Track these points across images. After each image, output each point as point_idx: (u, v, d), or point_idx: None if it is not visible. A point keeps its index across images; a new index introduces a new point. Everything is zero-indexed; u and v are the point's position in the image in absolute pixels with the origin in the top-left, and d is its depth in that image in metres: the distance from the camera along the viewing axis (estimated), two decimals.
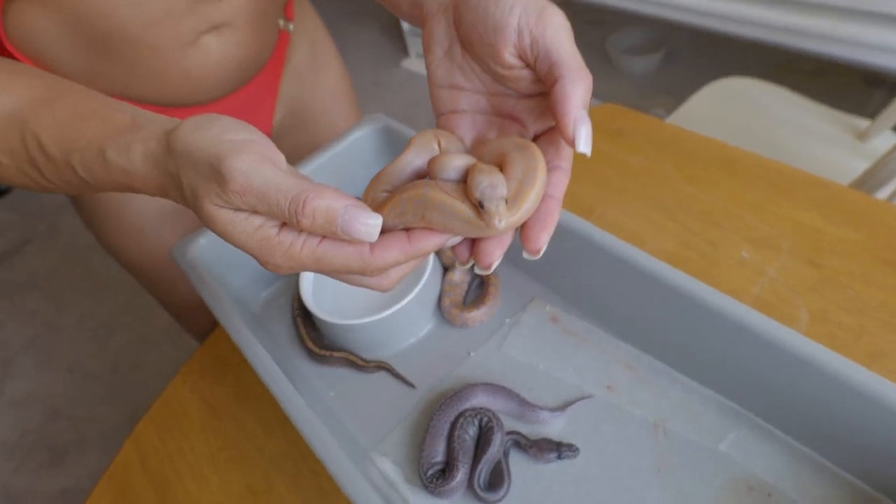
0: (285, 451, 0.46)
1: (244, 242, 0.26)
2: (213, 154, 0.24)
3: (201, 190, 0.25)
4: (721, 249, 0.51)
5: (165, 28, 0.44)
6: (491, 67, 0.29)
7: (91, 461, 1.36)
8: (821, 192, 0.54)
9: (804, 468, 0.37)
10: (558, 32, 0.26)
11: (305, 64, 0.65)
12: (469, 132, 0.31)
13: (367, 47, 2.48)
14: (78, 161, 0.31)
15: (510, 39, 0.27)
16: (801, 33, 1.20)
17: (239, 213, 0.25)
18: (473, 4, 0.28)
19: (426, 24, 0.32)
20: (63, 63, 0.45)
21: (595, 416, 0.42)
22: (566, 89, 0.25)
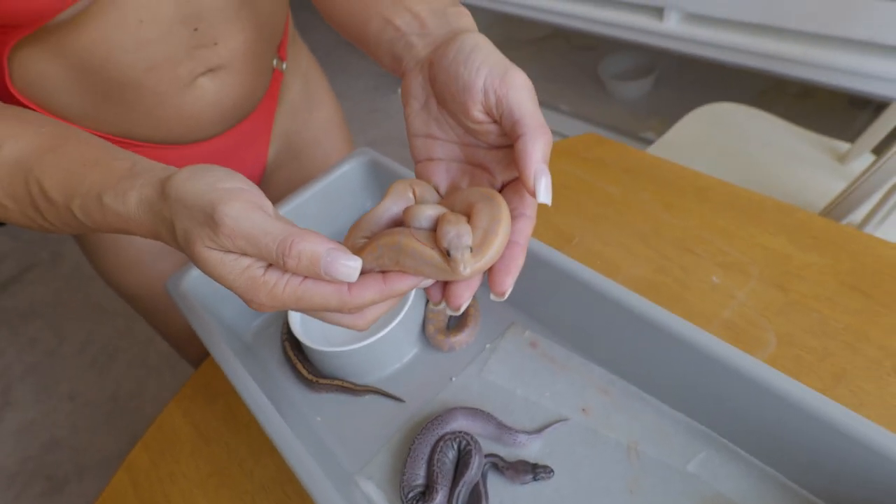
0: (273, 475, 0.48)
1: (232, 282, 0.28)
2: (206, 201, 0.27)
3: (194, 234, 0.27)
4: (693, 275, 0.53)
5: (164, 72, 0.47)
6: (462, 121, 0.32)
7: (89, 490, 1.37)
8: (789, 218, 0.56)
9: (768, 488, 0.39)
10: (520, 93, 0.29)
11: (299, 100, 0.67)
12: (444, 178, 0.34)
13: (365, 75, 2.54)
14: (78, 206, 0.33)
15: (478, 98, 0.30)
16: (784, 60, 1.23)
17: (228, 254, 0.27)
18: (445, 66, 0.31)
19: (404, 77, 0.36)
20: (65, 106, 0.47)
21: (571, 438, 0.44)
22: (527, 146, 0.28)
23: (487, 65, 0.30)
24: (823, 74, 1.20)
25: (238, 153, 0.61)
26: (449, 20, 0.35)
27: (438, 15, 0.35)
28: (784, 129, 1.12)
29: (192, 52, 0.47)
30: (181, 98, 0.50)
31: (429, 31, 0.35)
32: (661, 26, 1.40)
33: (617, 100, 1.94)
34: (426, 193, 0.32)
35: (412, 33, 0.35)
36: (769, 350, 0.46)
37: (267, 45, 0.55)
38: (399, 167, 0.57)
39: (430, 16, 0.35)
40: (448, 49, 0.32)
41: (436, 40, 0.34)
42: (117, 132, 0.51)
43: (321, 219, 0.59)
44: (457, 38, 0.32)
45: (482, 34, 0.33)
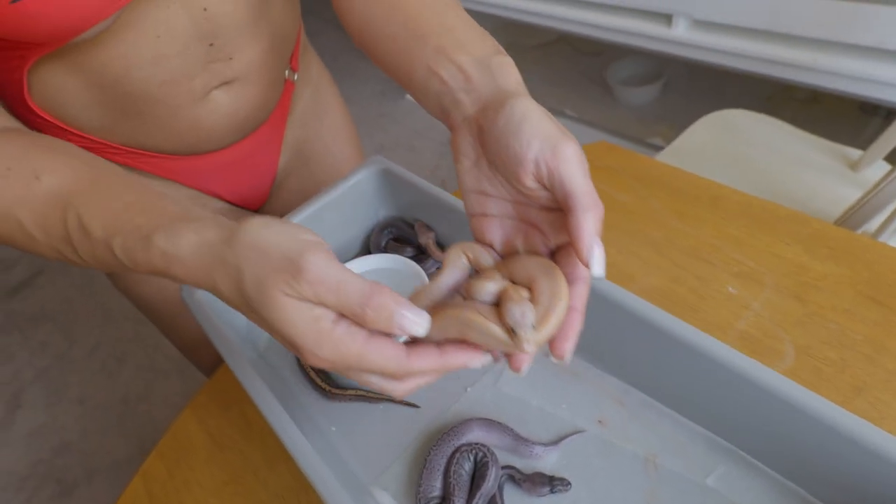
0: (288, 484, 0.48)
1: (300, 330, 0.28)
2: (290, 248, 0.28)
3: (270, 279, 0.27)
4: (708, 284, 0.53)
5: (179, 86, 0.47)
6: (514, 186, 0.32)
7: (99, 493, 1.37)
8: (804, 227, 0.56)
9: (789, 502, 0.39)
10: (571, 166, 0.29)
11: (310, 109, 0.68)
12: (498, 235, 0.35)
13: (372, 80, 2.55)
14: (119, 244, 0.33)
15: (529, 170, 0.30)
16: (793, 66, 1.23)
17: (304, 302, 0.28)
18: (496, 135, 0.32)
19: (453, 133, 0.36)
20: (81, 118, 0.47)
21: (587, 450, 0.44)
22: (580, 220, 0.28)
23: (538, 137, 0.30)
24: (833, 81, 1.20)
25: (249, 163, 0.62)
26: (494, 74, 0.35)
27: (483, 68, 0.35)
28: (794, 136, 1.12)
29: (208, 66, 0.48)
30: (195, 111, 0.50)
31: (474, 85, 0.35)
32: (669, 33, 1.40)
33: (624, 106, 1.94)
34: (481, 258, 0.34)
35: (458, 88, 0.35)
36: (788, 362, 0.46)
37: (280, 57, 0.55)
38: (412, 176, 0.57)
39: (474, 69, 0.35)
40: (497, 117, 0.32)
41: (482, 97, 0.34)
42: (131, 143, 0.51)
43: (334, 228, 0.59)
44: (505, 105, 0.32)
45: (529, 97, 0.33)
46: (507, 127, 0.31)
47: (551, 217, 0.33)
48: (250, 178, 0.64)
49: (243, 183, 0.64)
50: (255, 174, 0.65)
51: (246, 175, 0.63)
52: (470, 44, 0.37)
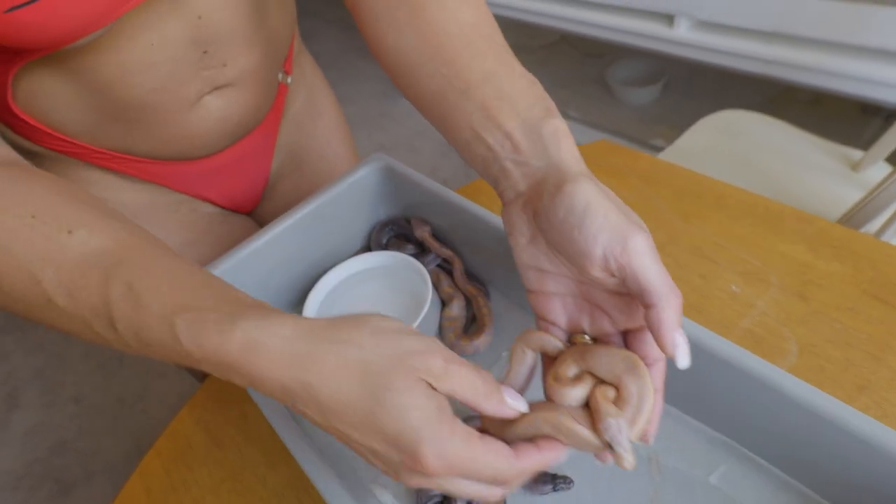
0: (288, 482, 0.47)
1: (424, 419, 0.26)
2: (422, 339, 0.28)
3: (408, 359, 0.27)
4: (712, 283, 0.53)
5: (171, 92, 0.46)
6: (579, 272, 0.31)
7: (97, 493, 1.36)
8: (808, 226, 0.55)
9: (792, 499, 0.38)
10: (644, 260, 0.28)
11: (303, 112, 0.67)
12: (561, 314, 0.34)
13: (372, 79, 2.55)
14: (186, 322, 0.28)
15: (597, 263, 0.29)
16: (796, 67, 1.23)
17: (432, 390, 0.27)
18: (556, 225, 0.30)
19: (504, 206, 0.35)
20: (67, 122, 0.46)
21: None
22: (660, 316, 0.27)
23: (605, 231, 0.28)
24: (836, 82, 1.20)
25: (241, 167, 0.61)
26: (546, 145, 0.32)
27: (533, 136, 0.33)
28: (796, 137, 1.11)
29: (200, 72, 0.46)
30: (186, 117, 0.49)
31: (525, 157, 0.33)
32: (671, 33, 1.40)
33: (625, 106, 1.93)
34: (548, 345, 0.34)
35: (506, 157, 0.33)
36: (791, 360, 0.46)
37: (274, 62, 0.54)
38: (414, 173, 0.57)
39: (524, 137, 0.33)
40: (556, 204, 0.30)
41: (534, 173, 0.32)
42: (119, 148, 0.50)
43: (335, 225, 0.59)
44: (564, 190, 0.29)
45: (589, 177, 0.30)
46: (568, 218, 0.29)
47: (619, 303, 0.32)
48: (242, 182, 0.64)
49: (235, 187, 0.63)
50: (247, 178, 0.64)
51: (237, 179, 0.63)
52: (517, 99, 0.34)
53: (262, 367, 0.27)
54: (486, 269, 0.56)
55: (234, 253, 0.52)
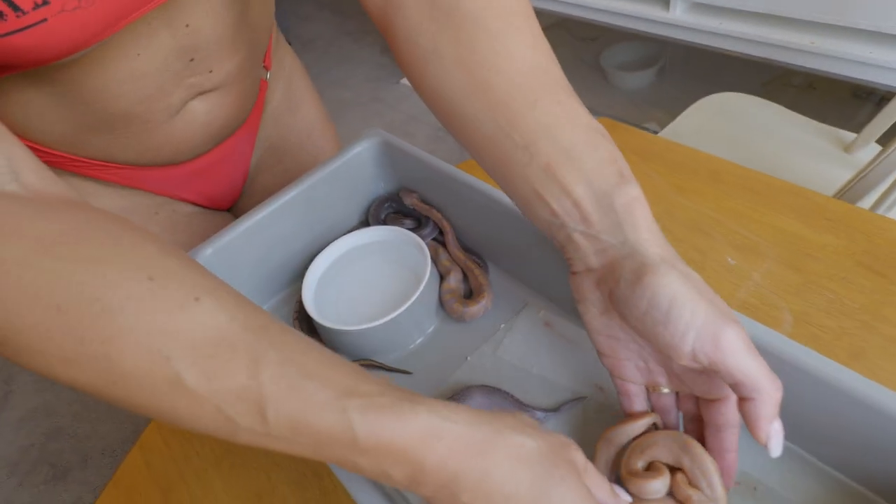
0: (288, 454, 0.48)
1: None
2: (569, 441, 0.31)
3: (569, 453, 0.30)
4: (708, 256, 0.53)
5: (156, 102, 0.45)
6: None
7: (93, 477, 1.37)
8: (802, 200, 0.56)
9: (788, 463, 0.39)
10: (738, 357, 0.27)
11: (282, 104, 0.66)
12: (636, 375, 0.34)
13: (367, 64, 2.53)
14: (358, 405, 0.26)
15: (685, 358, 0.28)
16: (790, 49, 1.23)
17: (587, 495, 0.29)
18: (639, 317, 0.29)
19: (572, 275, 0.34)
20: (46, 133, 0.44)
21: (586, 415, 0.44)
22: (759, 411, 0.27)
23: (694, 328, 0.27)
24: (829, 64, 1.20)
25: (222, 166, 0.60)
26: (621, 221, 0.29)
27: (604, 206, 0.30)
28: (790, 119, 1.12)
29: (186, 80, 0.45)
30: (171, 124, 0.48)
31: (596, 231, 0.30)
32: (667, 15, 1.40)
33: (620, 90, 1.93)
34: (623, 438, 0.37)
35: (574, 228, 0.31)
36: (786, 329, 0.46)
37: (257, 60, 0.54)
38: (412, 148, 0.57)
39: (594, 207, 0.30)
40: (636, 295, 0.28)
41: (607, 250, 0.30)
42: (100, 157, 0.49)
43: (333, 200, 0.59)
44: (644, 282, 0.28)
45: (671, 264, 0.28)
46: (652, 312, 0.28)
47: (699, 379, 0.32)
48: (222, 180, 0.63)
49: (216, 186, 0.63)
50: (228, 176, 0.63)
51: (218, 178, 0.62)
52: (584, 159, 0.30)
53: (441, 454, 0.26)
54: (483, 242, 0.56)
55: (233, 228, 0.52)
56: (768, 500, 0.38)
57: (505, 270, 0.55)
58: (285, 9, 3.03)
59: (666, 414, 0.37)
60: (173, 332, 0.25)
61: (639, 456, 0.36)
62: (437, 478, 0.26)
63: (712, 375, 0.31)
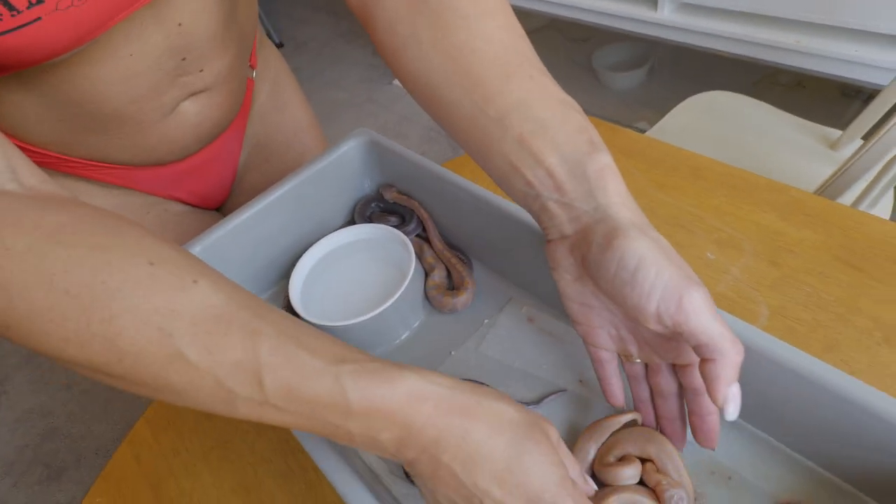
0: (275, 447, 0.49)
1: (557, 477, 0.29)
2: (545, 418, 0.32)
3: (541, 423, 0.31)
4: (688, 251, 0.54)
5: (148, 102, 0.45)
6: None
7: (87, 477, 1.37)
8: (781, 196, 0.57)
9: (761, 453, 0.40)
10: (700, 318, 0.27)
11: (268, 103, 0.67)
12: (609, 342, 0.36)
13: (360, 65, 2.53)
14: (349, 371, 0.28)
15: (651, 319, 0.29)
16: (777, 48, 1.25)
17: (559, 461, 0.30)
18: (608, 279, 0.30)
19: (548, 244, 0.35)
20: (38, 134, 0.44)
21: (567, 408, 0.45)
22: (718, 372, 0.28)
23: (658, 289, 0.28)
24: (815, 63, 1.21)
25: (212, 165, 0.61)
26: (592, 186, 0.31)
27: (577, 175, 0.31)
28: (777, 117, 1.13)
29: (178, 79, 0.46)
30: (163, 124, 0.48)
31: (569, 198, 0.31)
32: (655, 16, 1.41)
33: (611, 91, 1.94)
34: (605, 434, 0.40)
35: (549, 197, 0.32)
36: (762, 322, 0.47)
37: (244, 59, 0.54)
38: (398, 147, 0.57)
39: (567, 176, 0.31)
40: (606, 258, 0.29)
41: (580, 217, 0.31)
42: (92, 157, 0.49)
43: (320, 198, 0.60)
44: (614, 245, 0.29)
45: (641, 228, 0.30)
46: (620, 274, 0.29)
47: (667, 345, 0.33)
48: (212, 179, 0.64)
49: (206, 185, 0.63)
50: (218, 175, 0.64)
51: (209, 178, 0.63)
52: (556, 130, 0.31)
53: (427, 415, 0.28)
54: (469, 239, 0.57)
55: (220, 227, 0.53)
56: (742, 489, 0.39)
57: (489, 267, 0.56)
58: (280, 11, 3.04)
59: (637, 383, 0.38)
60: (173, 311, 0.26)
61: (610, 451, 0.39)
62: (422, 440, 0.28)
63: (678, 341, 0.32)
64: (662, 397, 0.36)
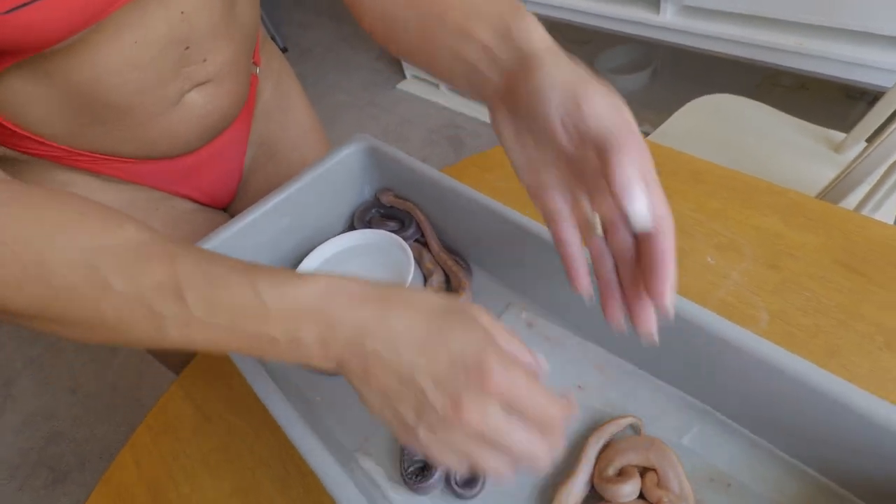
0: (274, 451, 0.49)
1: (482, 335, 0.28)
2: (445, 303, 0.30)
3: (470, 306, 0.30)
4: (688, 256, 0.54)
5: (153, 92, 0.45)
6: (560, 152, 0.31)
7: (91, 480, 1.38)
8: (781, 199, 0.57)
9: (762, 460, 0.40)
10: (596, 110, 0.27)
11: (272, 102, 0.67)
12: (563, 204, 0.34)
13: (363, 69, 2.54)
14: (266, 281, 0.29)
15: (562, 137, 0.29)
16: (779, 50, 1.24)
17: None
18: (524, 105, 0.30)
19: (490, 112, 0.35)
20: (46, 125, 0.45)
21: None
22: (616, 160, 0.26)
23: (556, 90, 0.28)
24: (818, 65, 1.21)
25: (217, 161, 0.61)
26: (515, 39, 0.33)
27: (503, 37, 0.33)
28: (780, 120, 1.13)
29: (182, 70, 0.46)
30: (169, 116, 0.49)
31: (496, 56, 0.33)
32: (657, 18, 1.41)
33: None
34: (605, 437, 0.41)
35: (484, 68, 0.34)
36: (762, 328, 0.47)
37: (247, 53, 0.55)
38: (397, 152, 0.57)
39: (496, 43, 0.34)
40: (521, 84, 0.30)
41: (506, 67, 0.33)
42: (99, 150, 0.50)
43: (320, 204, 0.60)
44: (526, 72, 0.30)
45: (552, 51, 0.31)
46: (531, 91, 0.29)
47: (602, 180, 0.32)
48: (218, 176, 0.64)
49: (213, 182, 0.64)
50: (224, 172, 0.64)
51: (214, 174, 0.63)
52: (490, 12, 0.35)
53: (343, 306, 0.29)
54: (468, 244, 0.57)
55: (220, 233, 0.53)
56: (741, 495, 0.38)
57: (489, 273, 0.56)
58: (283, 17, 3.05)
59: (599, 258, 0.34)
60: (100, 248, 0.29)
61: (610, 463, 0.38)
62: (343, 332, 0.28)
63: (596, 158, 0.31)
64: (623, 263, 0.33)
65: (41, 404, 1.56)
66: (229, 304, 0.29)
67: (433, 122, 2.13)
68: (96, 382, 1.58)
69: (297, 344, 0.29)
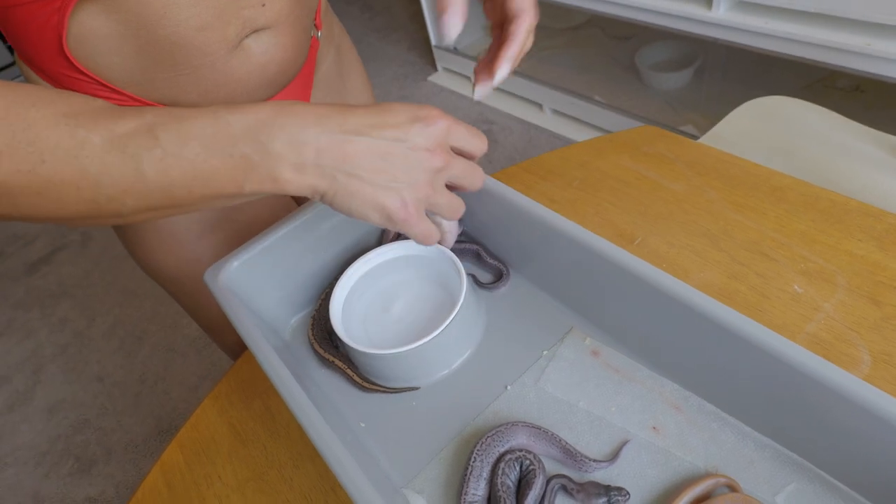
0: (315, 483, 0.45)
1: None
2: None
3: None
4: (772, 283, 0.49)
5: (214, 31, 0.45)
6: None
7: (115, 471, 1.37)
8: (878, 222, 0.51)
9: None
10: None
11: (333, 70, 0.67)
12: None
13: (395, 62, 2.50)
14: (226, 106, 0.34)
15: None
16: (843, 51, 1.17)
17: None
18: None
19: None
20: (115, 68, 0.46)
21: (641, 459, 0.40)
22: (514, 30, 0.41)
23: None
24: (886, 67, 1.13)
25: None
26: None
27: None
28: (842, 125, 1.05)
29: (240, 11, 0.46)
30: (228, 61, 0.48)
31: None
32: (709, 14, 1.34)
33: (654, 91, 1.86)
34: None
35: None
36: (864, 370, 0.42)
37: (306, 9, 0.54)
38: None
39: None
40: None
41: None
42: (164, 99, 0.49)
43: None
44: None
45: None
46: None
47: None
48: None
49: None
50: None
51: None
52: None
53: (301, 112, 0.34)
54: (525, 261, 0.52)
55: (257, 242, 0.50)
56: None
57: (547, 290, 0.51)
58: None
59: None
60: (76, 114, 0.33)
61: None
62: (308, 133, 0.33)
63: None
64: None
65: (69, 392, 1.57)
66: (199, 133, 0.33)
67: (464, 116, 2.08)
68: (124, 373, 1.58)
69: (270, 158, 0.33)
